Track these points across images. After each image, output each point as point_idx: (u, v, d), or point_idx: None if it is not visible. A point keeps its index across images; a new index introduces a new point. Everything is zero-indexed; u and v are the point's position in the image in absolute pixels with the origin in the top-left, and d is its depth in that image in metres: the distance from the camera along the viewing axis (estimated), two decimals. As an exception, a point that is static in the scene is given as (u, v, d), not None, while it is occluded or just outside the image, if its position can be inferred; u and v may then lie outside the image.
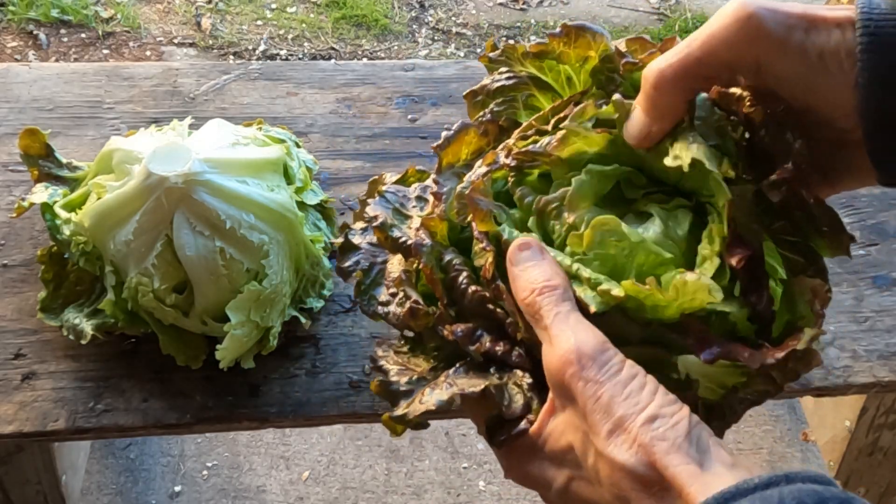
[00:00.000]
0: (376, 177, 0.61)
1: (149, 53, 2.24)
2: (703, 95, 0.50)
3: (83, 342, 0.69)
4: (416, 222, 0.55)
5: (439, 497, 1.32)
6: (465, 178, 0.54)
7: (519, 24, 2.43)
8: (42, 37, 2.23)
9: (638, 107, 0.50)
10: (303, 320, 0.73)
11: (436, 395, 0.49)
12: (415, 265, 0.54)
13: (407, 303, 0.52)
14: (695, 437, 0.41)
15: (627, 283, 0.46)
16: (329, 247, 0.80)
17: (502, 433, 0.49)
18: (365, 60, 2.24)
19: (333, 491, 1.32)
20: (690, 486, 0.39)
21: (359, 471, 1.34)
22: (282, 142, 0.79)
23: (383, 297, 0.55)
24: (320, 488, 1.32)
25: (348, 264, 0.58)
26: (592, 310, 0.46)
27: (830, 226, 0.49)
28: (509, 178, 0.53)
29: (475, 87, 0.58)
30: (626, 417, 0.42)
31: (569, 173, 0.51)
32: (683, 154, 0.47)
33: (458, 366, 0.51)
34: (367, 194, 0.60)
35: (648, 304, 0.47)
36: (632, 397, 0.42)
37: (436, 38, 2.38)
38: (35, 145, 0.77)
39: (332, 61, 1.09)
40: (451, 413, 0.72)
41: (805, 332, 0.47)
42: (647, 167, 0.52)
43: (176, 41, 2.29)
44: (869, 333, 0.79)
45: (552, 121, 0.54)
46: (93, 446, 1.30)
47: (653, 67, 0.48)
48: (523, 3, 2.50)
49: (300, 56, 2.28)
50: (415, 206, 0.57)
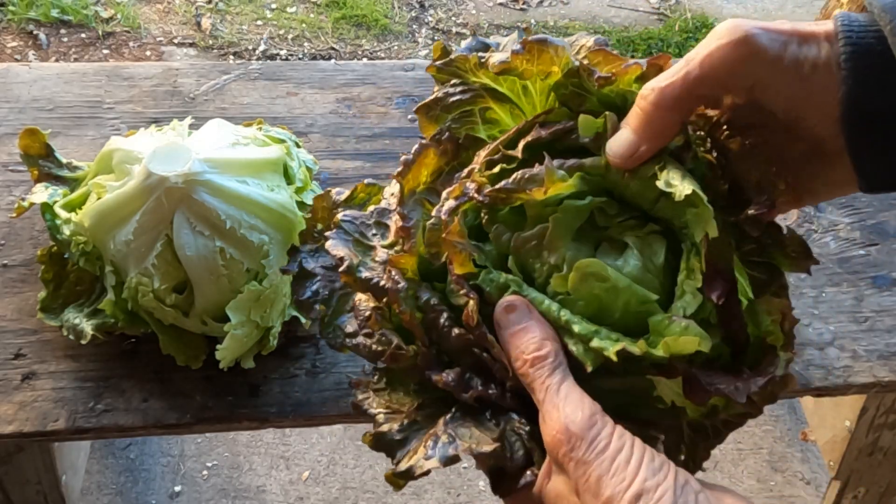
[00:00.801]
0: (322, 194, 0.58)
1: (149, 53, 2.24)
2: None
3: (83, 342, 0.69)
4: (380, 254, 0.53)
5: (439, 497, 1.32)
6: (434, 210, 0.52)
7: (519, 24, 2.43)
8: (42, 37, 2.23)
9: (628, 126, 0.50)
10: (303, 320, 0.73)
11: (440, 450, 0.48)
12: (386, 302, 0.52)
13: (388, 348, 0.51)
14: None
15: (618, 346, 0.46)
16: (329, 247, 0.80)
17: (506, 484, 0.49)
18: (365, 60, 2.24)
19: (333, 491, 1.32)
20: None
21: (359, 471, 1.34)
22: (282, 142, 0.79)
23: (350, 329, 0.53)
24: (320, 488, 1.32)
25: (307, 296, 0.55)
26: (589, 369, 0.47)
27: (798, 251, 0.51)
28: (483, 214, 0.52)
29: (428, 100, 0.56)
30: (613, 498, 0.42)
31: (544, 209, 0.51)
32: (677, 184, 0.47)
33: (454, 411, 0.50)
34: (316, 215, 0.58)
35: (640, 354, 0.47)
36: (618, 474, 0.43)
37: (436, 38, 2.38)
38: (35, 145, 0.77)
39: (332, 61, 1.09)
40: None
41: (780, 356, 0.49)
42: (618, 192, 0.52)
43: (176, 41, 2.29)
44: (869, 333, 0.79)
45: (521, 145, 0.52)
46: (93, 446, 1.30)
47: (653, 86, 0.49)
48: (523, 3, 2.50)
49: (300, 56, 2.28)
50: (375, 234, 0.54)
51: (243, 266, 0.67)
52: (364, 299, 0.53)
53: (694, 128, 0.52)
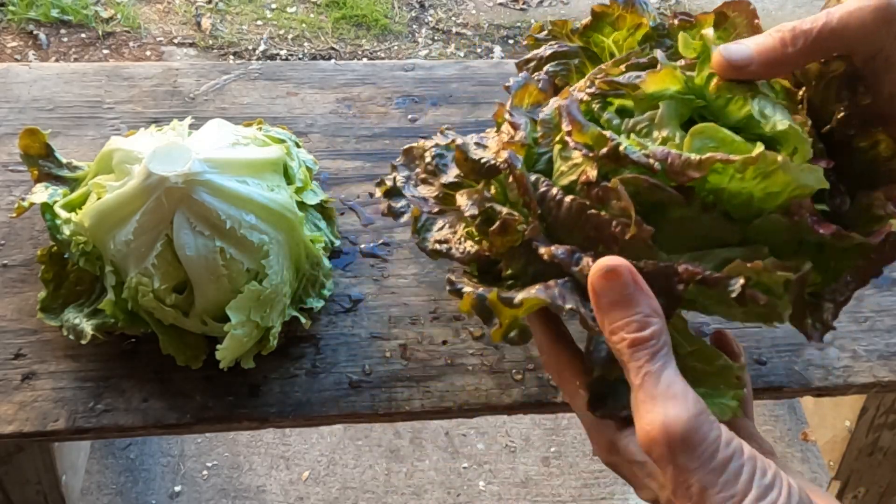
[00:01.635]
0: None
1: (149, 53, 2.24)
2: None
3: (83, 342, 0.69)
4: (491, 143, 0.55)
5: (439, 497, 1.32)
6: (546, 107, 0.55)
7: (519, 24, 2.43)
8: (42, 37, 2.23)
9: (750, 41, 0.50)
10: (303, 320, 0.73)
11: (550, 291, 0.46)
12: (493, 188, 0.53)
13: (496, 219, 0.50)
14: None
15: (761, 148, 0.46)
16: (329, 247, 0.80)
17: (604, 406, 0.47)
18: (365, 60, 2.24)
19: (333, 491, 1.32)
20: None
21: (359, 471, 1.34)
22: (282, 142, 0.79)
23: (442, 235, 0.54)
24: (320, 488, 1.32)
25: (400, 205, 0.58)
26: None
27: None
28: (594, 105, 0.53)
29: (527, 56, 0.60)
30: None
31: (651, 102, 0.52)
32: (770, 115, 0.49)
33: (564, 280, 0.48)
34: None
35: (759, 194, 0.47)
36: (726, 490, 0.39)
37: (436, 38, 2.38)
38: (35, 145, 0.77)
39: (332, 61, 1.09)
40: (451, 413, 0.72)
41: (893, 223, 0.49)
42: (710, 111, 0.53)
43: (176, 41, 2.29)
44: (869, 333, 0.79)
45: (622, 67, 0.55)
46: (93, 446, 1.30)
47: (790, 25, 0.50)
48: (523, 3, 2.50)
49: (300, 56, 2.28)
50: (477, 145, 0.56)
51: (243, 266, 0.67)
52: (465, 204, 0.53)
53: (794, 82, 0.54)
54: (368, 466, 1.34)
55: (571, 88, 0.55)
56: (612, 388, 0.48)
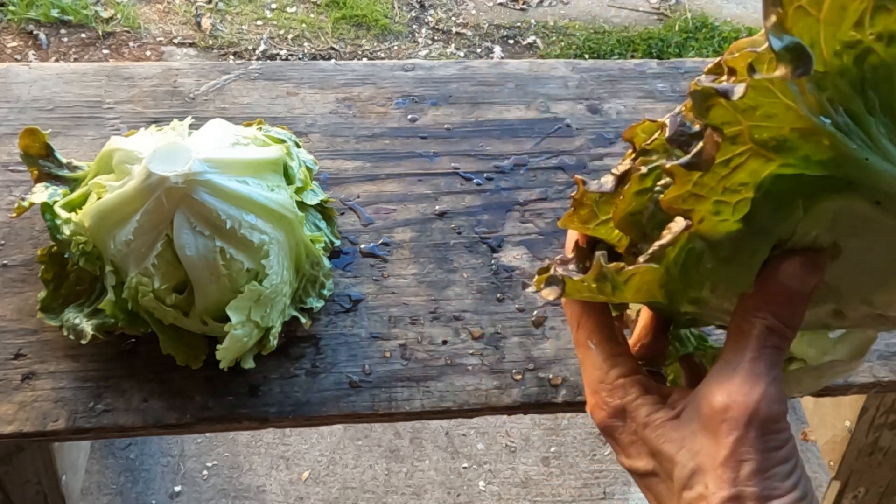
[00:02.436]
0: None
1: (149, 53, 2.24)
2: None
3: (83, 342, 0.69)
4: None
5: (439, 497, 1.32)
6: None
7: (519, 24, 2.43)
8: (42, 37, 2.23)
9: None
10: (303, 320, 0.73)
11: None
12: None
13: None
14: None
15: None
16: (329, 247, 0.80)
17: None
18: (365, 60, 2.24)
19: (333, 491, 1.32)
20: None
21: (359, 471, 1.34)
22: (282, 142, 0.79)
23: None
24: (320, 488, 1.32)
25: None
26: None
27: None
28: None
29: None
30: (746, 495, 0.40)
31: None
32: None
33: None
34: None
35: None
36: (775, 481, 0.41)
37: (436, 38, 2.38)
38: (35, 145, 0.77)
39: (332, 61, 1.09)
40: (451, 413, 0.72)
41: None
42: None
43: (176, 41, 2.29)
44: (869, 333, 0.79)
45: None
46: (93, 446, 1.30)
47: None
48: (523, 3, 2.50)
49: (300, 56, 2.28)
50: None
51: (243, 266, 0.67)
52: None
53: None
54: (368, 466, 1.34)
55: None
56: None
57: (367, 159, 0.91)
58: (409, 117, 0.96)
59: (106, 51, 2.23)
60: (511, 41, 2.38)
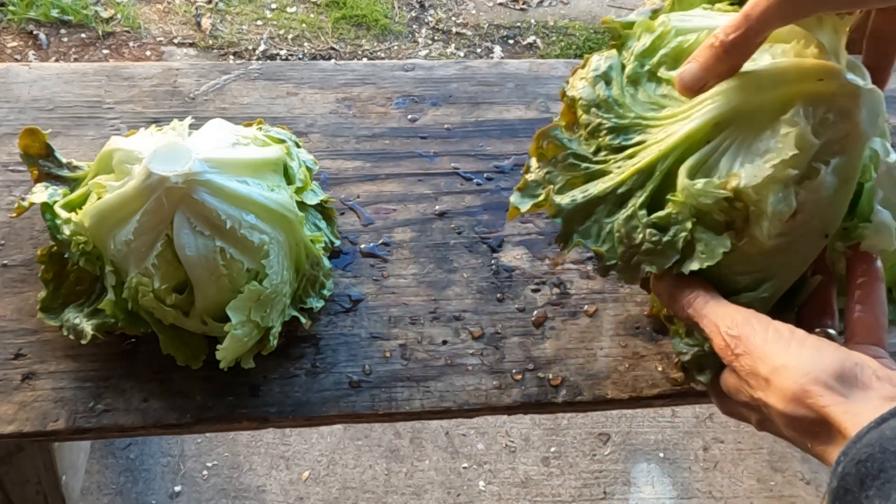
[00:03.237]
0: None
1: (149, 53, 2.24)
2: None
3: (83, 342, 0.69)
4: None
5: (439, 497, 1.32)
6: None
7: (519, 23, 2.43)
8: (42, 37, 2.23)
9: (696, 60, 0.56)
10: (303, 320, 0.73)
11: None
12: None
13: None
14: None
15: None
16: (329, 247, 0.80)
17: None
18: (365, 60, 2.24)
19: (333, 491, 1.32)
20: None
21: (359, 471, 1.34)
22: (282, 142, 0.79)
23: None
24: (320, 488, 1.32)
25: None
26: None
27: None
28: None
29: None
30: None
31: None
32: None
33: None
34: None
35: None
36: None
37: (436, 38, 2.38)
38: (35, 145, 0.77)
39: (332, 61, 1.09)
40: (451, 413, 0.72)
41: None
42: None
43: (176, 41, 2.29)
44: (869, 333, 0.79)
45: None
46: (93, 446, 1.31)
47: (722, 30, 0.55)
48: (523, 3, 2.50)
49: (300, 56, 2.28)
50: None
51: (243, 266, 0.67)
52: None
53: None
54: (368, 466, 1.34)
55: None
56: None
57: (367, 159, 0.91)
58: (409, 117, 0.96)
59: (106, 51, 2.23)
60: (511, 41, 2.38)
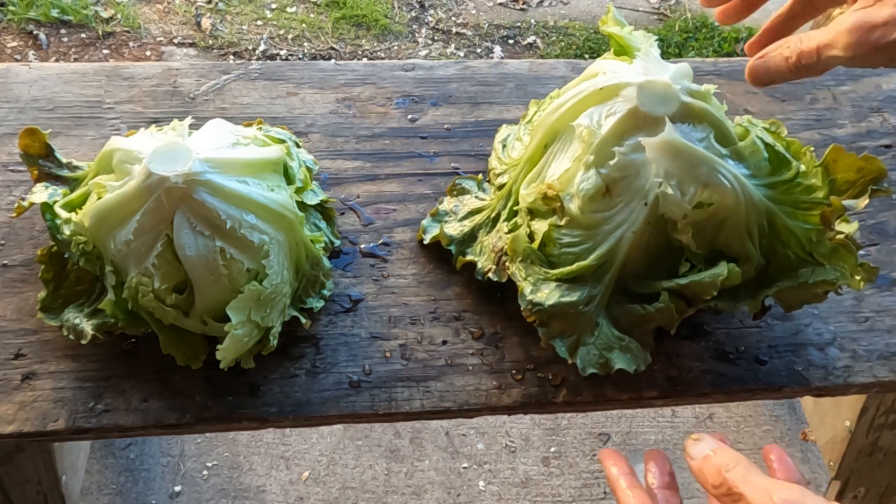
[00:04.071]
0: None
1: (149, 53, 2.24)
2: None
3: (83, 342, 0.69)
4: None
5: (439, 497, 1.32)
6: None
7: (519, 24, 2.43)
8: (42, 37, 2.23)
9: None
10: (303, 320, 0.73)
11: None
12: None
13: None
14: None
15: None
16: (329, 247, 0.80)
17: None
18: (365, 60, 2.24)
19: (333, 491, 1.32)
20: None
21: (359, 471, 1.34)
22: (282, 142, 0.79)
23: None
24: (320, 488, 1.32)
25: None
26: None
27: None
28: None
29: None
30: None
31: None
32: None
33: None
34: None
35: None
36: None
37: (436, 38, 2.38)
38: (35, 145, 0.77)
39: (332, 61, 1.09)
40: (451, 413, 0.72)
41: None
42: None
43: (176, 41, 2.29)
44: (869, 333, 0.79)
45: None
46: (93, 446, 1.30)
47: None
48: (523, 3, 2.50)
49: (300, 56, 2.28)
50: None
51: (243, 266, 0.67)
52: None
53: None
54: (368, 466, 1.34)
55: None
56: None
57: (367, 159, 0.91)
58: (409, 117, 0.96)
59: (106, 51, 2.23)
60: (511, 41, 2.38)
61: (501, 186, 0.79)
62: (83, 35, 2.26)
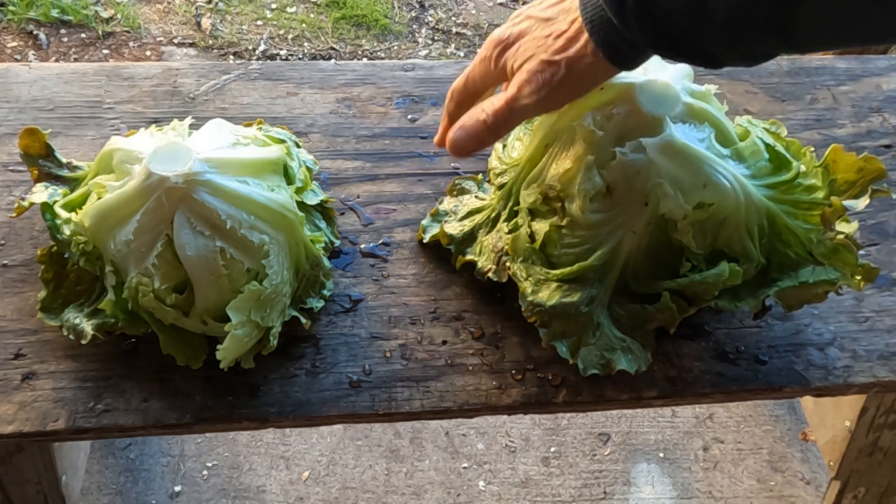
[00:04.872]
0: None
1: (149, 53, 2.24)
2: None
3: (83, 342, 0.69)
4: None
5: (439, 497, 1.32)
6: None
7: (519, 24, 2.42)
8: (42, 37, 2.23)
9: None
10: (303, 320, 0.73)
11: None
12: None
13: None
14: None
15: None
16: (329, 247, 0.80)
17: None
18: (365, 60, 2.24)
19: (333, 491, 1.32)
20: None
21: (359, 471, 1.34)
22: (282, 142, 0.79)
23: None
24: (320, 488, 1.32)
25: None
26: None
27: None
28: None
29: None
30: None
31: None
32: None
33: None
34: None
35: None
36: None
37: (436, 38, 2.38)
38: (35, 145, 0.77)
39: (332, 61, 1.09)
40: (451, 413, 0.72)
41: None
42: None
43: (176, 41, 2.29)
44: (869, 333, 0.79)
45: None
46: (93, 446, 1.30)
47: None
48: (523, 4, 2.50)
49: (300, 56, 2.28)
50: None
51: (244, 266, 0.67)
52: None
53: None
54: (368, 466, 1.34)
55: None
56: None
57: (367, 159, 0.91)
58: (409, 117, 0.96)
59: (106, 51, 2.23)
60: (511, 41, 2.38)
61: (502, 186, 0.79)
62: (83, 35, 2.26)
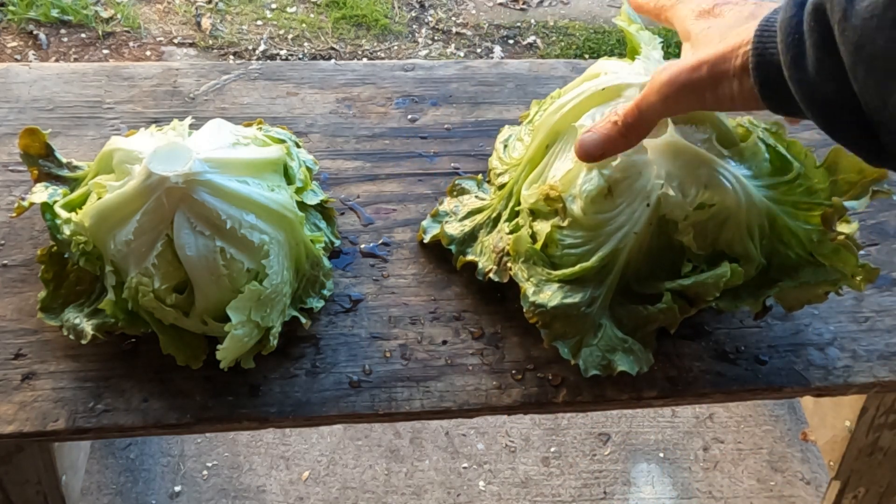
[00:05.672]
0: None
1: (149, 53, 2.24)
2: None
3: (83, 342, 0.69)
4: None
5: (439, 497, 1.32)
6: None
7: (519, 24, 2.43)
8: (42, 37, 2.23)
9: (597, 131, 0.68)
10: (303, 320, 0.73)
11: None
12: None
13: None
14: None
15: None
16: (329, 247, 0.80)
17: None
18: (365, 60, 2.24)
19: (333, 491, 1.32)
20: None
21: (359, 471, 1.34)
22: (282, 142, 0.79)
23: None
24: (320, 488, 1.32)
25: None
26: None
27: None
28: None
29: None
30: None
31: None
32: None
33: None
34: None
35: None
36: None
37: (436, 38, 2.38)
38: (35, 145, 0.77)
39: (332, 61, 1.09)
40: (451, 413, 0.72)
41: None
42: None
43: (176, 41, 2.29)
44: (869, 333, 0.79)
45: None
46: (93, 446, 1.30)
47: (622, 109, 0.66)
48: (523, 3, 2.50)
49: (300, 56, 2.28)
50: None
51: (244, 266, 0.67)
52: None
53: None
54: (368, 466, 1.34)
55: None
56: None
57: (367, 159, 0.91)
58: (409, 117, 0.96)
59: (106, 51, 2.23)
60: (511, 41, 2.38)
61: (502, 186, 0.79)
62: (83, 35, 2.26)
